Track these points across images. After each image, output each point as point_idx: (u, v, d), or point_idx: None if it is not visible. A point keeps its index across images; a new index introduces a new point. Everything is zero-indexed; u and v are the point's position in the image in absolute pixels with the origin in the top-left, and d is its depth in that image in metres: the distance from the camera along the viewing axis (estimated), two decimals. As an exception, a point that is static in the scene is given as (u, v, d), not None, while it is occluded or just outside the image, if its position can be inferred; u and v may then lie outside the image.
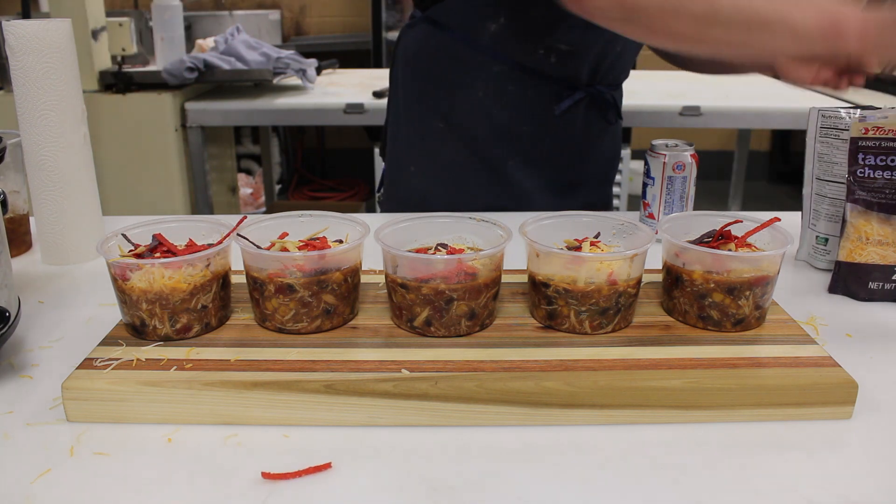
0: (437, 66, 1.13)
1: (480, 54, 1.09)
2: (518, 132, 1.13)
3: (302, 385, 0.61)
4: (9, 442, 0.59)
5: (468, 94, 1.11)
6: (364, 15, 4.18)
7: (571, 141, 1.15)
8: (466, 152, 1.14)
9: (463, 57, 1.10)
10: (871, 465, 0.57)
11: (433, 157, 1.17)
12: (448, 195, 1.16)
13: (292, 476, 0.55)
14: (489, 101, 1.11)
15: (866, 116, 0.87)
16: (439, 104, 1.14)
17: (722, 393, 0.62)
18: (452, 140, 1.14)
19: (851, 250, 0.85)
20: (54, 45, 0.89)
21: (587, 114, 1.14)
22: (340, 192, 4.16)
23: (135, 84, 2.29)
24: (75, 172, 0.94)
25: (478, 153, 1.14)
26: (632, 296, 0.70)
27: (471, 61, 1.10)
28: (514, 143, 1.13)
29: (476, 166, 1.15)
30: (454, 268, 0.67)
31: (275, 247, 0.72)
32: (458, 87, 1.12)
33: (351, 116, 2.31)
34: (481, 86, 1.10)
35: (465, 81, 1.11)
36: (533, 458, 0.58)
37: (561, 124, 1.12)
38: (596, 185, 1.24)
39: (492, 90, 1.10)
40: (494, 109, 1.11)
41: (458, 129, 1.13)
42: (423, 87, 1.15)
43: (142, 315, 0.67)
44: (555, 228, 0.78)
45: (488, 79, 1.10)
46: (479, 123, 1.12)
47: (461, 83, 1.12)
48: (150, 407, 0.61)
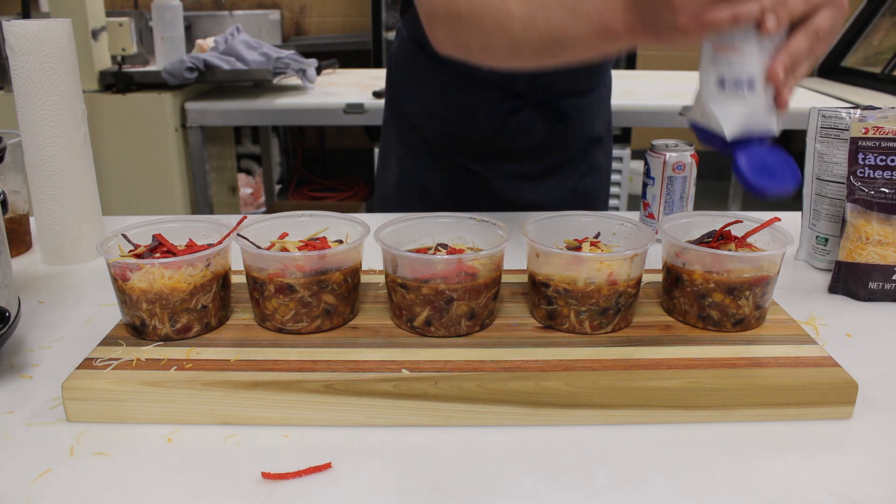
0: (403, 71, 1.21)
1: (432, 62, 1.14)
2: (471, 137, 1.16)
3: (302, 385, 0.61)
4: (9, 442, 0.59)
5: (423, 99, 1.17)
6: (364, 15, 4.18)
7: (529, 144, 1.17)
8: (425, 150, 1.20)
9: (419, 65, 1.16)
10: (871, 465, 0.57)
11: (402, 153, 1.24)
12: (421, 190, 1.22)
13: (292, 476, 0.55)
14: (440, 107, 1.15)
15: (866, 116, 0.87)
16: (404, 107, 1.21)
17: (722, 393, 0.62)
18: (414, 139, 1.21)
19: (851, 250, 0.85)
20: (54, 45, 0.89)
21: (545, 120, 1.15)
22: (340, 192, 4.16)
23: (135, 84, 2.29)
24: (75, 172, 0.94)
25: (436, 153, 1.19)
26: (632, 296, 0.70)
27: (425, 68, 1.15)
28: (469, 146, 1.17)
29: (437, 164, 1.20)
30: (454, 268, 0.67)
31: (275, 247, 0.72)
32: (416, 92, 1.19)
33: (351, 116, 2.31)
34: (433, 92, 1.15)
35: (421, 88, 1.17)
36: (533, 458, 0.58)
37: (514, 130, 1.14)
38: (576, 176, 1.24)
39: (441, 97, 1.14)
40: (446, 115, 1.16)
41: (418, 131, 1.20)
42: (392, 91, 1.24)
43: (142, 315, 0.67)
44: (555, 228, 0.78)
45: (437, 86, 1.15)
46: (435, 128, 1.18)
47: (418, 89, 1.18)
48: (150, 407, 0.61)
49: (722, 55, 0.61)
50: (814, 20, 0.61)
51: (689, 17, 0.61)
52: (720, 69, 0.62)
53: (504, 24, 0.77)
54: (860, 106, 0.90)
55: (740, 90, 0.61)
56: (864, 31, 3.76)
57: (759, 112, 0.62)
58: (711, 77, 0.62)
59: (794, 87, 0.62)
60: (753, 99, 0.61)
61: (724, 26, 0.60)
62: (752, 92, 0.61)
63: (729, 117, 0.62)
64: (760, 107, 0.62)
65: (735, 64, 0.61)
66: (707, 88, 0.63)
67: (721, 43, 0.61)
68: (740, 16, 0.59)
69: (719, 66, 0.62)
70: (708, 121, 0.63)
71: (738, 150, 0.62)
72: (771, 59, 0.61)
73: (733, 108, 0.62)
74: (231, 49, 2.41)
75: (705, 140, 0.65)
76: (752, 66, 0.61)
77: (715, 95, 0.62)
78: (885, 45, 3.56)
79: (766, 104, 0.62)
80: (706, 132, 0.64)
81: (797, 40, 0.61)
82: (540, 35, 0.75)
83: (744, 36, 0.60)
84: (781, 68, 0.60)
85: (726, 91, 0.61)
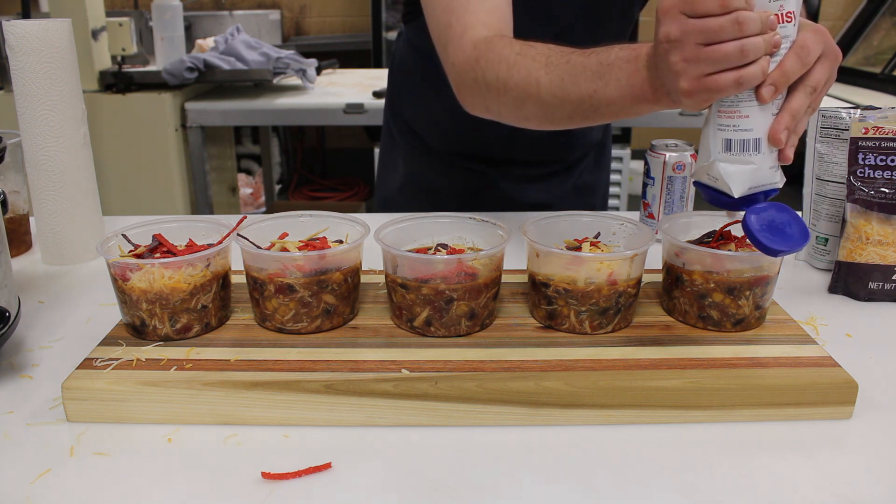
0: (407, 79, 1.21)
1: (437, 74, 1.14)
2: (475, 147, 1.17)
3: (302, 385, 0.61)
4: (9, 442, 0.59)
5: (427, 110, 1.18)
6: (364, 15, 4.18)
7: (533, 153, 1.17)
8: (429, 153, 1.20)
9: (423, 75, 1.16)
10: (871, 465, 0.57)
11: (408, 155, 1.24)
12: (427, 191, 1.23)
13: (292, 476, 0.55)
14: (444, 119, 1.15)
15: (866, 116, 0.87)
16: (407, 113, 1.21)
17: (722, 393, 0.62)
18: (417, 142, 1.21)
19: (851, 250, 0.85)
20: (54, 45, 0.89)
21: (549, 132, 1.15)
22: (340, 192, 4.16)
23: (135, 84, 2.29)
24: (75, 172, 0.94)
25: (440, 156, 1.20)
26: (632, 296, 0.70)
27: (429, 79, 1.15)
28: (473, 154, 1.18)
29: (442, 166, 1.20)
30: (454, 268, 0.67)
31: (275, 247, 0.72)
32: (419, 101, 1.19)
33: (351, 116, 2.31)
34: (437, 104, 1.15)
35: (425, 98, 1.18)
36: (533, 458, 0.58)
37: (518, 142, 1.14)
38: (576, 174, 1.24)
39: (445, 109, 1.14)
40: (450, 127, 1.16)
41: (420, 136, 1.20)
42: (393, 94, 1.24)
43: (142, 315, 0.67)
44: (555, 228, 0.78)
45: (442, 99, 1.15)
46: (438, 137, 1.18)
47: (421, 99, 1.18)
48: (150, 407, 0.61)
49: (727, 119, 0.63)
50: (811, 76, 0.62)
51: (690, 81, 0.61)
52: (726, 132, 0.63)
53: (533, 93, 0.78)
54: (860, 106, 0.90)
55: (747, 152, 0.63)
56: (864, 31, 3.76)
57: (765, 170, 0.64)
58: (718, 140, 0.64)
59: (795, 142, 0.64)
60: (759, 159, 0.63)
61: (727, 91, 0.60)
62: (758, 153, 0.63)
63: (737, 178, 0.64)
64: (766, 165, 0.63)
65: (741, 127, 0.62)
66: (714, 151, 0.64)
67: (725, 107, 0.63)
68: (742, 80, 0.59)
69: (725, 129, 0.63)
70: (716, 182, 0.65)
71: (747, 211, 0.64)
72: (773, 122, 0.62)
73: (740, 169, 0.63)
74: (231, 49, 2.41)
75: (711, 199, 0.66)
76: (757, 128, 0.62)
77: (722, 157, 0.64)
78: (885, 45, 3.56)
79: (771, 161, 0.64)
80: (713, 191, 0.66)
81: (797, 99, 0.62)
82: (571, 101, 0.76)
83: (748, 99, 0.62)
84: (784, 130, 0.62)
85: (733, 153, 0.63)
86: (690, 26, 0.59)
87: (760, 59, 0.59)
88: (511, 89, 0.81)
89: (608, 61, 0.72)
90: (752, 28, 0.58)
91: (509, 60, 0.81)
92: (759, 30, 0.58)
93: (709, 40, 0.59)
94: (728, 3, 0.57)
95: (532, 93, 0.79)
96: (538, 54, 0.79)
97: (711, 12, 0.58)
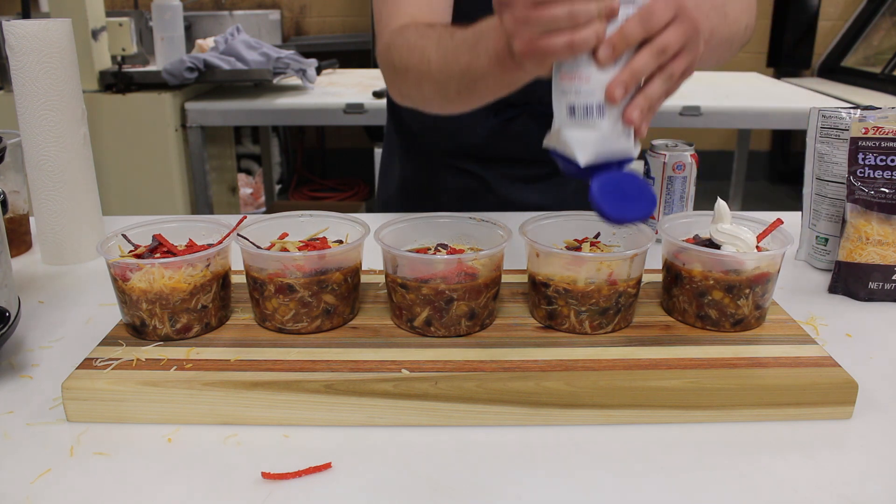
0: None
1: None
2: (470, 146, 1.16)
3: (302, 385, 0.61)
4: (9, 442, 0.59)
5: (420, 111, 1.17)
6: (364, 15, 4.18)
7: (528, 151, 1.17)
8: (427, 155, 1.20)
9: None
10: (871, 465, 0.57)
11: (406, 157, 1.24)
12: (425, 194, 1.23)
13: (292, 476, 0.55)
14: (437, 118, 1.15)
15: (866, 116, 0.87)
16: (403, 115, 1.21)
17: (722, 393, 0.62)
18: (416, 144, 1.21)
19: (851, 250, 0.85)
20: (54, 45, 0.89)
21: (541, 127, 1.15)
22: (340, 192, 4.16)
23: (135, 84, 2.29)
24: (75, 172, 0.94)
25: (438, 158, 1.20)
26: (632, 296, 0.70)
27: None
28: (469, 154, 1.18)
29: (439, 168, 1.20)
30: (454, 268, 0.67)
31: (275, 247, 0.72)
32: None
33: (351, 116, 2.31)
34: None
35: None
36: (533, 458, 0.58)
37: (511, 139, 1.14)
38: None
39: None
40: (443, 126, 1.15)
41: (418, 138, 1.20)
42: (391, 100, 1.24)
43: (142, 315, 0.67)
44: (555, 228, 0.78)
45: None
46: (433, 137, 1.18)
47: None
48: (150, 407, 0.61)
49: (569, 83, 0.60)
50: (659, 38, 0.59)
51: (523, 43, 0.60)
52: (569, 97, 0.61)
53: (426, 72, 0.81)
54: (860, 106, 0.90)
55: (590, 117, 0.60)
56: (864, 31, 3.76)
57: (612, 137, 0.61)
58: (562, 105, 0.61)
59: (646, 106, 0.61)
60: (604, 124, 0.60)
61: (560, 54, 0.58)
62: (602, 118, 0.60)
63: (581, 144, 0.61)
64: (613, 132, 0.61)
65: (582, 91, 0.60)
66: (559, 116, 0.62)
67: (566, 71, 0.60)
68: (575, 44, 0.57)
69: (567, 93, 0.61)
70: (563, 148, 0.62)
71: (592, 178, 0.61)
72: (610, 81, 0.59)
73: (585, 135, 0.60)
74: (231, 49, 2.41)
75: (564, 167, 0.63)
76: (600, 92, 0.59)
77: (567, 123, 0.61)
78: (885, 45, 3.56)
79: (618, 129, 0.61)
80: (564, 159, 0.63)
81: (639, 58, 0.59)
82: (455, 76, 0.77)
83: (587, 63, 0.59)
84: (619, 88, 0.59)
85: (577, 118, 0.60)
86: None
87: (594, 24, 0.57)
88: (410, 71, 0.83)
89: (480, 29, 0.73)
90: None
91: (410, 43, 0.83)
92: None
93: (538, 1, 0.57)
94: None
95: (425, 71, 0.80)
96: (433, 34, 0.81)
97: None
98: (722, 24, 0.85)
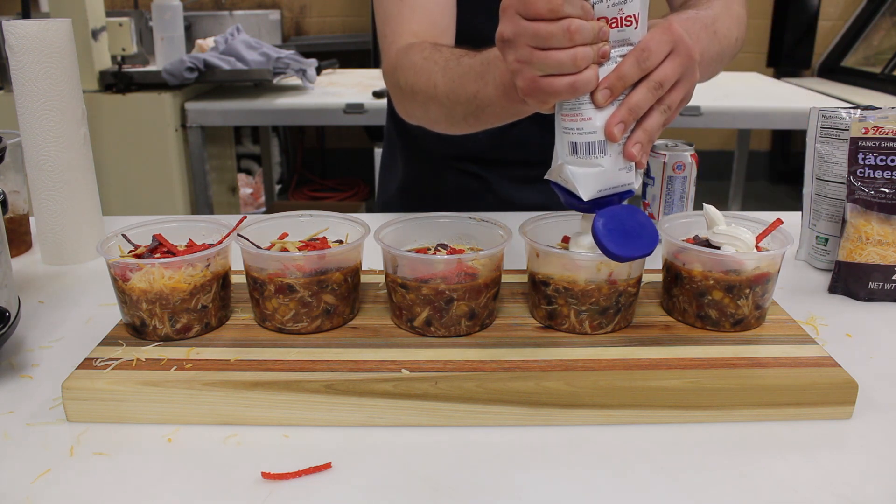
0: None
1: None
2: (471, 150, 1.17)
3: (302, 385, 0.61)
4: (9, 442, 0.59)
5: None
6: (364, 15, 4.18)
7: (529, 154, 1.17)
8: (428, 157, 1.21)
9: None
10: (871, 465, 0.57)
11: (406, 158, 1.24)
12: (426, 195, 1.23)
13: (292, 476, 0.55)
14: None
15: (866, 116, 0.87)
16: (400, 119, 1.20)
17: (722, 393, 0.62)
18: (417, 146, 1.21)
19: (851, 250, 0.85)
20: (54, 45, 0.89)
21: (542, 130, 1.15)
22: (340, 192, 4.16)
23: (135, 84, 2.29)
24: (75, 172, 0.94)
25: (439, 160, 1.20)
26: (632, 295, 0.70)
27: None
28: (470, 157, 1.18)
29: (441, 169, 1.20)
30: (454, 268, 0.67)
31: (275, 247, 0.72)
32: None
33: (351, 116, 2.31)
34: None
35: None
36: (533, 458, 0.58)
37: (512, 142, 1.14)
38: None
39: None
40: None
41: (419, 140, 1.20)
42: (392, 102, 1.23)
43: (142, 315, 0.67)
44: (555, 228, 0.78)
45: None
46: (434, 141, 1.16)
47: None
48: (150, 407, 0.61)
49: (570, 122, 0.61)
50: (655, 73, 0.60)
51: (525, 81, 0.61)
52: (571, 135, 0.62)
53: (433, 96, 0.82)
54: (860, 106, 0.90)
55: (592, 155, 0.61)
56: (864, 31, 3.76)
57: (614, 172, 0.62)
58: (565, 143, 0.62)
59: (645, 140, 0.62)
60: (607, 161, 0.61)
61: (562, 94, 0.59)
62: (603, 155, 0.61)
63: (584, 180, 0.62)
64: (614, 167, 0.62)
65: (584, 129, 0.61)
66: (562, 154, 0.63)
67: (567, 110, 0.62)
68: (577, 86, 0.58)
69: (570, 132, 0.62)
70: (566, 184, 0.64)
71: (596, 215, 0.62)
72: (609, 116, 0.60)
73: (588, 172, 0.62)
74: (231, 49, 2.41)
75: (566, 201, 0.65)
76: (601, 131, 0.61)
77: (569, 160, 0.62)
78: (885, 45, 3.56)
79: (619, 164, 0.62)
80: (566, 193, 0.65)
81: (636, 94, 0.60)
82: (461, 103, 0.79)
83: (588, 102, 0.60)
84: (619, 127, 0.60)
85: (579, 156, 0.62)
86: (522, 28, 0.58)
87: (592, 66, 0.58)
88: (417, 93, 0.84)
89: (488, 59, 0.74)
90: (584, 37, 0.57)
91: (416, 66, 0.84)
92: (591, 39, 0.57)
93: (539, 45, 0.58)
94: (557, 10, 0.56)
95: (432, 95, 0.82)
96: (440, 58, 0.82)
97: (542, 17, 0.57)
98: (713, 43, 0.86)
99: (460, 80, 0.78)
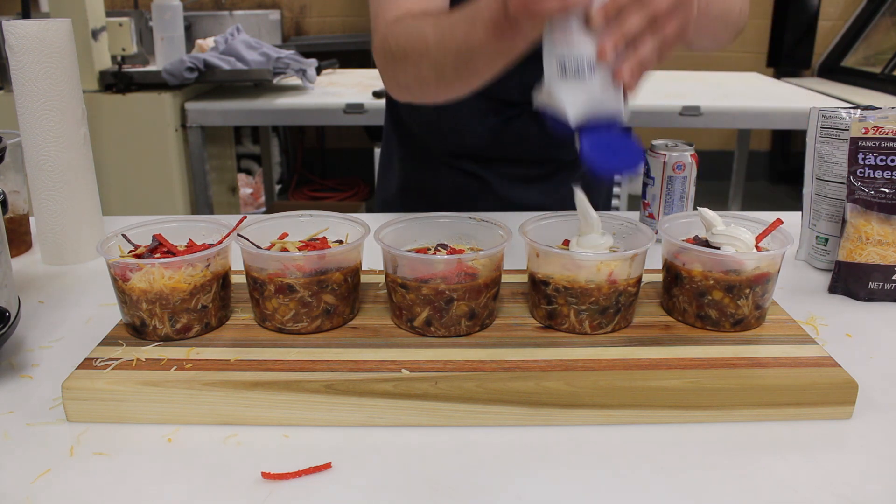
0: None
1: None
2: (470, 146, 1.16)
3: (302, 385, 0.61)
4: (9, 442, 0.59)
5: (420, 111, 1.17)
6: (364, 15, 4.18)
7: (528, 151, 1.17)
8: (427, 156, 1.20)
9: None
10: (871, 465, 0.57)
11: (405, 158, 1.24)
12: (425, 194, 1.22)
13: (292, 476, 0.55)
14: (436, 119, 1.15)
15: (866, 116, 0.87)
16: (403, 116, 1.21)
17: (722, 393, 0.62)
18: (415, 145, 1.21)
19: (851, 250, 0.85)
20: (54, 45, 0.89)
21: (541, 126, 1.15)
22: (340, 192, 4.16)
23: (135, 84, 2.29)
24: (75, 172, 0.94)
25: (438, 158, 1.19)
26: (632, 295, 0.70)
27: None
28: (469, 154, 1.18)
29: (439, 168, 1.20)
30: (454, 268, 0.67)
31: (275, 247, 0.72)
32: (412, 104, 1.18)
33: (351, 116, 2.31)
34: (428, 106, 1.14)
35: None
36: (533, 458, 0.58)
37: (511, 138, 1.14)
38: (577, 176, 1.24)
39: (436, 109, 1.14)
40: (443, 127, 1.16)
41: (418, 138, 1.20)
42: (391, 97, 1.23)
43: (142, 315, 0.67)
44: (555, 228, 0.78)
45: None
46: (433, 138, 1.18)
47: None
48: (150, 407, 0.61)
49: (561, 40, 0.61)
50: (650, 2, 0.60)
51: (516, 4, 0.61)
52: (560, 54, 0.61)
53: (423, 50, 0.81)
54: (860, 106, 0.90)
55: (581, 74, 0.61)
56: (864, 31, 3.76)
57: (602, 95, 0.61)
58: (553, 62, 0.62)
59: (637, 66, 0.61)
60: (595, 82, 0.61)
61: (552, 13, 0.60)
62: (592, 76, 0.61)
63: (571, 102, 0.61)
64: (603, 91, 0.61)
65: (573, 48, 0.60)
66: (550, 74, 0.62)
67: (558, 30, 0.61)
68: (568, 6, 0.59)
69: (559, 51, 0.61)
70: (553, 105, 0.63)
71: (581, 132, 0.62)
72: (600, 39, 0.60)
73: (575, 93, 0.61)
74: (231, 49, 2.41)
75: (553, 125, 0.64)
76: (590, 50, 0.60)
77: (557, 80, 0.62)
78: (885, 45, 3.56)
79: (609, 89, 0.61)
80: (554, 118, 0.64)
81: (630, 19, 0.60)
82: (453, 52, 0.78)
83: (579, 22, 0.60)
84: (611, 46, 0.60)
85: (568, 76, 0.61)
86: None
87: None
88: (409, 53, 0.83)
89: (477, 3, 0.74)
90: None
91: (407, 27, 0.84)
92: None
93: None
94: None
95: (423, 51, 0.81)
96: (430, 17, 0.83)
97: None
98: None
99: (450, 28, 0.78)
